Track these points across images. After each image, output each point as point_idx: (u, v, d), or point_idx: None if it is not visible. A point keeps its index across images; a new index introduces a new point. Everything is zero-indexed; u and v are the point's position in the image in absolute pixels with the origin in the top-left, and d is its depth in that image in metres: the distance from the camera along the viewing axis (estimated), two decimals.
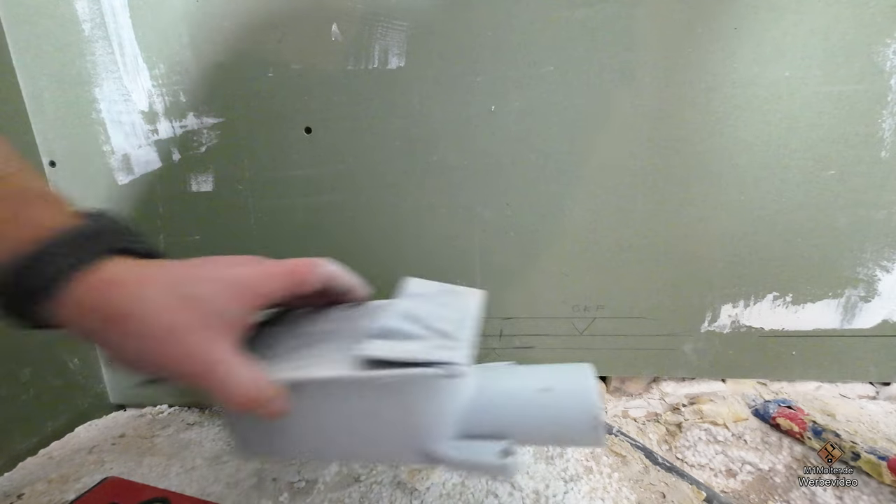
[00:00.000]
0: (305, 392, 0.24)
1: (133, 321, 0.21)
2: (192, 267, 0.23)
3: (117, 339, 0.21)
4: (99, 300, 0.21)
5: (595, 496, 0.35)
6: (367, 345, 0.23)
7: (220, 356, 0.22)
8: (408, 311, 0.26)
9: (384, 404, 0.24)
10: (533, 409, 0.24)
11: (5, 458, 0.41)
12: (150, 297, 0.21)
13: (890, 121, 0.36)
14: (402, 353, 0.23)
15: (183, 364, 0.21)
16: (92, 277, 0.21)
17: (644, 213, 0.41)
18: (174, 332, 0.21)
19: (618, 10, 0.36)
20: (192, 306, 0.22)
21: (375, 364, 0.23)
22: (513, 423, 0.24)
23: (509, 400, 0.25)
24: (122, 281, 0.21)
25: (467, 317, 0.27)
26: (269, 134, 0.42)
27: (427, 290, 0.31)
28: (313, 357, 0.26)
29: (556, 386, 0.24)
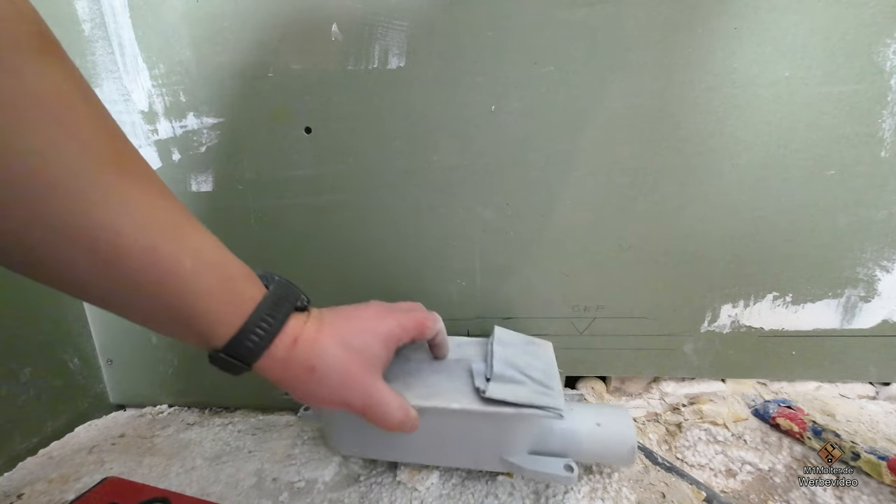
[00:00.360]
0: (426, 414, 0.32)
1: (317, 372, 0.27)
2: (348, 320, 0.30)
3: (304, 386, 0.27)
4: (289, 357, 0.26)
5: (595, 496, 0.35)
6: (492, 386, 0.32)
7: (378, 391, 0.29)
8: (508, 359, 0.35)
9: (488, 428, 0.33)
10: (590, 437, 0.34)
11: (5, 458, 0.41)
12: (327, 352, 0.27)
13: (890, 121, 0.36)
14: (520, 397, 0.32)
15: (354, 400, 0.28)
16: (283, 336, 0.26)
17: (644, 213, 0.41)
18: (347, 377, 0.28)
19: (618, 10, 0.36)
20: (356, 356, 0.28)
21: (491, 401, 0.32)
22: (574, 446, 0.34)
23: (573, 430, 0.34)
24: (304, 340, 0.27)
25: (551, 366, 0.37)
26: (269, 134, 0.42)
27: (513, 339, 0.40)
28: (433, 387, 0.34)
29: (605, 422, 0.35)
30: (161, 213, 0.23)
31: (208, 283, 0.24)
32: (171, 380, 0.50)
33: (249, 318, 0.25)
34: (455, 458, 0.36)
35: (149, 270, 0.22)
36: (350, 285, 0.46)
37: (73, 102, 0.20)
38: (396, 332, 0.30)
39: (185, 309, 0.23)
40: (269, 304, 0.26)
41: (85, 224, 0.20)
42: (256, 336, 0.25)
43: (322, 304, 0.46)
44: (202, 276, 0.23)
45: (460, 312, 0.45)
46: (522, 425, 0.33)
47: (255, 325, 0.25)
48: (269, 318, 0.26)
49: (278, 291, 0.27)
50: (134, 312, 0.24)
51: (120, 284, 0.22)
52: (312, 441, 0.43)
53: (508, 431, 0.33)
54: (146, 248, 0.21)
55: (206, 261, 0.24)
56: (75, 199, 0.20)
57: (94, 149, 0.20)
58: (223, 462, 0.41)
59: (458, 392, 0.33)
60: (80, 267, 0.21)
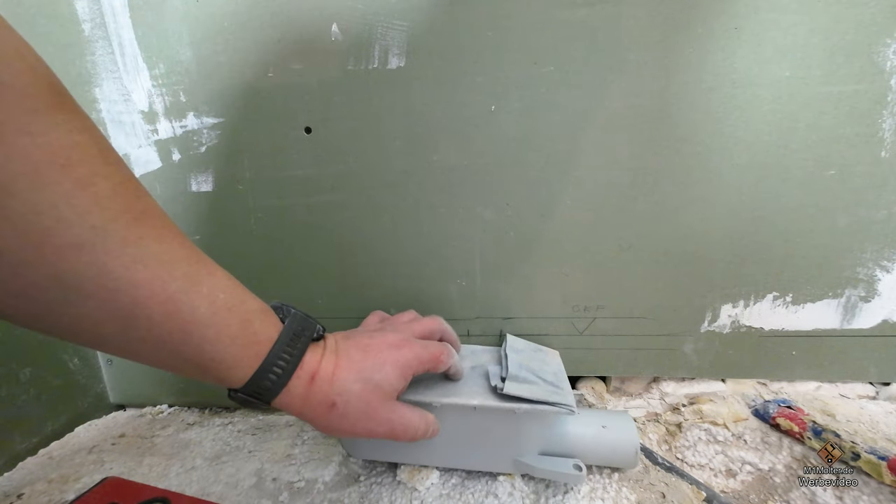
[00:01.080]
0: (446, 413, 0.34)
1: (337, 408, 0.27)
2: (365, 352, 0.30)
3: (324, 421, 0.28)
4: (308, 394, 0.27)
5: (595, 496, 0.35)
6: (508, 384, 0.34)
7: (398, 416, 0.30)
8: (521, 362, 0.38)
9: (504, 425, 0.35)
10: (596, 438, 0.36)
11: (5, 458, 0.41)
12: (346, 388, 0.28)
13: (890, 121, 0.36)
14: (536, 394, 0.34)
15: (376, 429, 0.29)
16: (301, 373, 0.27)
17: (644, 213, 0.41)
18: (368, 410, 0.28)
19: (618, 10, 0.36)
20: (375, 390, 0.29)
21: (506, 397, 0.34)
22: (582, 447, 0.36)
23: (580, 432, 0.36)
24: (322, 376, 0.27)
25: (559, 370, 0.39)
26: (269, 134, 0.42)
27: (524, 346, 0.42)
28: (452, 388, 0.36)
29: (610, 424, 0.37)
30: (176, 260, 0.23)
31: (225, 329, 0.24)
32: (171, 380, 0.50)
33: (267, 358, 0.25)
34: (470, 460, 0.37)
35: (165, 322, 0.22)
36: (350, 285, 0.46)
37: (88, 156, 0.20)
38: (414, 364, 0.31)
39: (203, 356, 0.24)
40: (286, 341, 0.26)
41: (102, 279, 0.20)
42: (274, 375, 0.25)
43: (322, 304, 0.46)
44: (218, 323, 0.24)
45: (460, 312, 0.45)
46: (536, 422, 0.35)
47: (272, 364, 0.25)
48: (286, 356, 0.26)
49: (294, 327, 0.27)
50: (151, 361, 0.24)
51: (137, 337, 0.22)
52: (312, 441, 0.43)
53: (522, 428, 0.35)
54: (163, 299, 0.21)
55: (223, 306, 0.24)
56: (92, 254, 0.19)
57: (110, 201, 0.20)
58: (223, 462, 0.41)
59: (476, 392, 0.35)
60: (97, 322, 0.21)
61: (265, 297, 0.28)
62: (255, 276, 0.46)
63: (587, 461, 0.36)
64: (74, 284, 0.19)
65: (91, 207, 0.19)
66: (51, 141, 0.19)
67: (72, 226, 0.19)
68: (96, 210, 0.19)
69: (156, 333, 0.22)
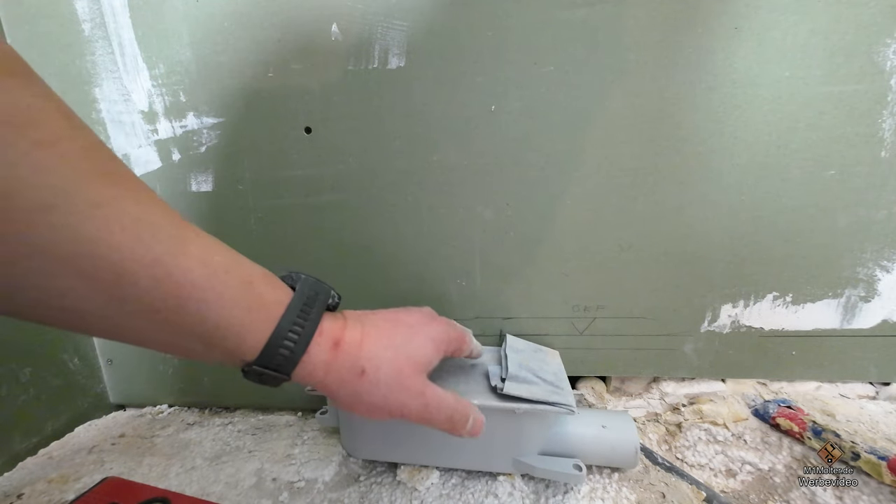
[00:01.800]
0: None
1: (367, 375, 0.25)
2: (395, 324, 0.28)
3: (352, 392, 0.26)
4: (333, 361, 0.25)
5: (595, 496, 0.35)
6: (508, 384, 0.34)
7: (432, 391, 0.28)
8: (521, 362, 0.38)
9: (504, 425, 0.35)
10: (596, 438, 0.36)
11: (5, 458, 0.41)
12: (378, 355, 0.26)
13: (890, 121, 0.36)
14: (536, 394, 0.34)
15: (409, 402, 0.27)
16: (321, 339, 0.25)
17: (644, 213, 0.41)
18: (402, 378, 0.26)
19: (618, 10, 0.36)
20: (409, 359, 0.27)
21: (507, 397, 0.34)
22: (582, 447, 0.36)
23: (580, 432, 0.37)
24: (349, 342, 0.26)
25: (559, 370, 0.40)
26: (269, 134, 0.42)
27: (524, 346, 0.42)
28: (451, 388, 0.34)
29: (609, 424, 0.37)
30: (159, 222, 0.21)
31: (225, 290, 0.22)
32: (171, 380, 0.50)
33: (280, 323, 0.23)
34: (470, 460, 0.37)
35: (156, 287, 0.20)
36: (350, 285, 0.46)
37: (48, 118, 0.18)
38: (445, 339, 0.30)
39: (205, 324, 0.21)
40: (299, 305, 0.24)
41: (77, 243, 0.18)
42: (291, 341, 0.23)
43: None
44: (216, 284, 0.21)
45: (460, 312, 0.45)
46: (536, 422, 0.35)
47: (287, 329, 0.23)
48: (302, 320, 0.24)
49: (306, 291, 0.26)
50: (147, 339, 0.22)
51: (126, 310, 0.20)
52: (312, 441, 0.43)
53: (523, 428, 0.35)
54: (149, 261, 0.20)
55: (218, 266, 0.22)
56: (63, 217, 0.18)
57: (76, 161, 0.19)
58: (223, 462, 0.41)
59: (476, 392, 0.35)
60: (79, 296, 0.19)
61: None
62: None
63: (587, 461, 0.36)
64: (48, 251, 0.18)
65: (54, 167, 0.18)
66: (2, 102, 0.17)
67: (34, 187, 0.17)
68: (61, 170, 0.18)
69: (147, 303, 0.20)
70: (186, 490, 0.37)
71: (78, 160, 0.19)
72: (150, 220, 0.20)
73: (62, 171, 0.18)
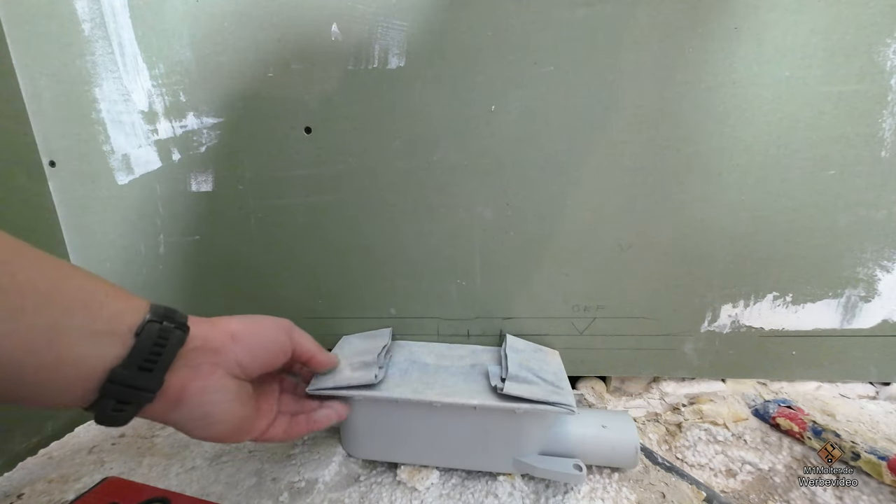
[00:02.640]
0: (446, 412, 0.35)
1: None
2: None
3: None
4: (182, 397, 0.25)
5: (595, 496, 0.35)
6: (509, 385, 0.34)
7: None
8: (521, 362, 0.38)
9: (504, 425, 0.35)
10: (596, 438, 0.36)
11: (5, 458, 0.41)
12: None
13: (890, 121, 0.36)
14: (536, 394, 0.34)
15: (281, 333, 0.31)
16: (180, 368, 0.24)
17: (644, 213, 0.41)
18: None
19: (618, 10, 0.36)
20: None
21: (507, 397, 0.34)
22: (582, 447, 0.36)
23: (580, 432, 0.36)
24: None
25: (559, 370, 0.40)
26: (269, 134, 0.42)
27: (523, 346, 0.42)
28: (452, 387, 0.36)
29: (609, 424, 0.37)
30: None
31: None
32: None
33: (131, 354, 0.22)
34: (470, 460, 0.37)
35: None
36: (350, 285, 0.46)
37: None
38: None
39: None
40: (158, 326, 0.23)
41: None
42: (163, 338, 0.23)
43: (322, 304, 0.46)
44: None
45: (460, 312, 0.45)
46: (536, 422, 0.35)
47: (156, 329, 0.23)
48: (160, 341, 0.23)
49: (159, 309, 0.24)
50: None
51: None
52: (312, 441, 0.43)
53: (523, 428, 0.35)
54: None
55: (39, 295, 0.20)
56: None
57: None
58: (223, 462, 0.41)
59: (476, 392, 0.35)
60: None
61: (265, 296, 0.28)
62: (255, 276, 0.46)
63: (587, 461, 0.36)
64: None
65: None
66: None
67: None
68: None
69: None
70: (186, 490, 0.37)
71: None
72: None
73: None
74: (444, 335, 0.46)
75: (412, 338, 0.46)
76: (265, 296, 0.46)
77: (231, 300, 0.46)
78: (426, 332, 0.46)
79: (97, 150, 0.44)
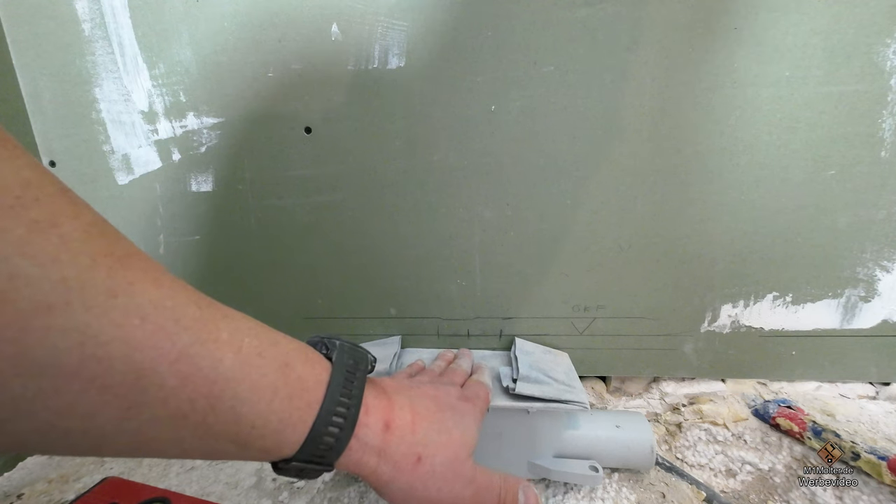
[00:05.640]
0: None
1: (423, 465, 0.22)
2: (437, 402, 0.26)
3: (407, 480, 0.22)
4: (385, 446, 0.22)
5: (595, 496, 0.35)
6: (520, 385, 0.34)
7: (480, 474, 0.25)
8: (533, 363, 0.38)
9: (518, 426, 0.35)
10: (611, 439, 0.36)
11: (5, 458, 0.41)
12: (432, 439, 0.23)
13: (890, 121, 0.36)
14: (548, 393, 0.34)
15: (462, 492, 0.23)
16: (369, 421, 0.22)
17: (644, 213, 0.41)
18: (455, 465, 0.23)
19: (618, 10, 0.36)
20: (458, 441, 0.24)
21: (519, 397, 0.34)
22: (597, 448, 0.36)
23: (594, 433, 0.36)
24: (400, 425, 0.23)
25: (570, 370, 0.40)
26: (269, 134, 0.42)
27: (532, 349, 0.43)
28: None
29: (624, 425, 0.37)
30: (182, 305, 0.17)
31: (261, 381, 0.18)
32: None
33: (323, 406, 0.20)
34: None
35: (183, 387, 0.16)
36: (350, 285, 0.46)
37: (44, 193, 0.15)
38: (482, 416, 0.29)
39: (240, 424, 0.18)
40: (341, 381, 0.21)
41: (87, 347, 0.14)
42: (336, 427, 0.20)
43: (322, 304, 0.46)
44: (251, 373, 0.18)
45: (460, 312, 0.45)
46: (549, 422, 0.35)
47: (330, 412, 0.20)
48: (345, 399, 0.21)
49: (345, 361, 0.22)
50: (170, 450, 0.18)
51: (148, 418, 0.16)
52: None
53: (536, 428, 0.35)
54: (174, 358, 0.16)
55: (252, 352, 0.19)
56: (68, 316, 0.14)
57: (82, 244, 0.15)
58: (223, 462, 0.41)
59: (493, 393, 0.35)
60: (88, 412, 0.15)
61: (265, 296, 0.28)
62: (255, 277, 0.46)
63: (602, 463, 0.35)
64: (49, 364, 0.14)
65: (58, 254, 0.14)
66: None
67: (34, 282, 0.13)
68: (66, 257, 0.14)
69: (172, 408, 0.16)
70: (186, 490, 0.37)
71: (84, 243, 0.15)
72: (173, 304, 0.17)
73: (67, 259, 0.14)
74: (444, 335, 0.46)
75: (412, 338, 0.47)
76: (265, 296, 0.46)
77: (231, 300, 0.46)
78: (426, 332, 0.46)
79: (97, 150, 0.44)
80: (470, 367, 0.38)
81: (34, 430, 0.15)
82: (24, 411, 0.14)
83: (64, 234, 0.14)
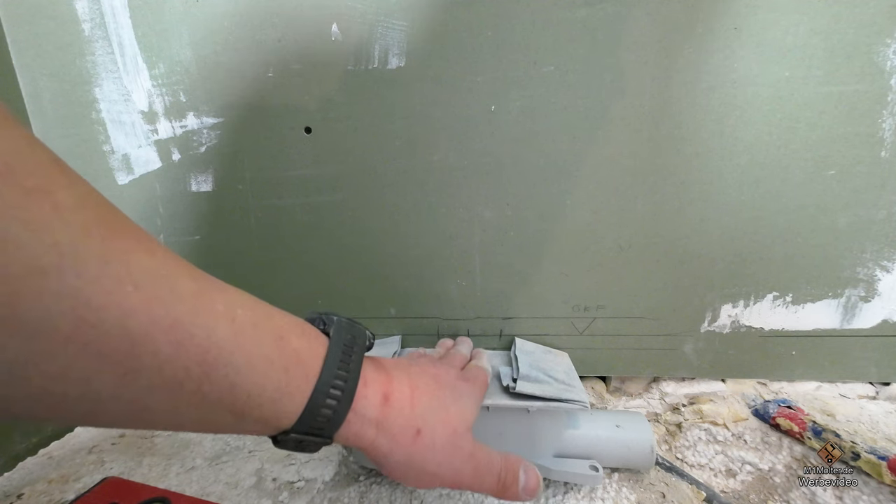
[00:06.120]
0: None
1: (423, 437, 0.23)
2: (437, 380, 0.26)
3: (406, 453, 0.23)
4: (384, 418, 0.22)
5: (595, 496, 0.35)
6: (521, 384, 0.34)
7: (479, 451, 0.25)
8: (533, 363, 0.38)
9: (517, 425, 0.35)
10: (611, 438, 0.36)
11: (5, 458, 0.41)
12: (431, 414, 0.23)
13: (890, 121, 0.36)
14: (548, 392, 0.34)
15: (462, 467, 0.24)
16: (368, 392, 0.22)
17: (644, 213, 0.41)
18: (454, 440, 0.24)
19: (618, 10, 0.36)
20: (457, 417, 0.25)
21: (519, 396, 0.34)
22: (597, 448, 0.36)
23: (594, 433, 0.36)
24: (399, 397, 0.23)
25: (570, 370, 0.40)
26: (269, 134, 0.42)
27: (532, 348, 0.43)
28: None
29: (624, 424, 0.37)
30: (177, 275, 0.17)
31: (255, 349, 0.19)
32: None
33: (320, 378, 0.20)
34: None
35: (177, 355, 0.16)
36: (350, 285, 0.46)
37: (37, 165, 0.15)
38: (481, 397, 0.30)
39: (235, 393, 0.18)
40: (338, 354, 0.22)
41: (80, 311, 0.14)
42: (333, 398, 0.20)
43: (322, 304, 0.46)
44: (245, 343, 0.18)
45: (460, 312, 0.45)
46: (549, 421, 0.35)
47: (328, 384, 0.20)
48: (343, 371, 0.21)
49: (343, 336, 0.23)
50: (166, 420, 0.18)
51: (143, 386, 0.16)
52: None
53: (536, 428, 0.35)
54: (168, 325, 0.16)
55: (246, 322, 0.19)
56: (61, 280, 0.14)
57: (75, 212, 0.15)
58: (223, 462, 0.41)
59: (488, 393, 0.35)
60: (84, 377, 0.15)
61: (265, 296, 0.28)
62: (255, 276, 0.46)
63: (603, 462, 0.35)
64: (42, 327, 0.14)
65: (50, 220, 0.14)
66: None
67: (26, 246, 0.13)
68: (58, 223, 0.14)
69: (167, 376, 0.16)
70: (186, 490, 0.37)
71: (77, 211, 0.15)
72: (167, 273, 0.17)
73: (60, 225, 0.14)
74: (444, 335, 0.46)
75: (412, 338, 0.47)
76: (265, 296, 0.46)
77: None
78: (426, 332, 0.46)
79: (97, 150, 0.44)
80: (469, 352, 0.38)
81: (29, 395, 0.15)
82: (19, 376, 0.14)
83: (57, 202, 0.15)
